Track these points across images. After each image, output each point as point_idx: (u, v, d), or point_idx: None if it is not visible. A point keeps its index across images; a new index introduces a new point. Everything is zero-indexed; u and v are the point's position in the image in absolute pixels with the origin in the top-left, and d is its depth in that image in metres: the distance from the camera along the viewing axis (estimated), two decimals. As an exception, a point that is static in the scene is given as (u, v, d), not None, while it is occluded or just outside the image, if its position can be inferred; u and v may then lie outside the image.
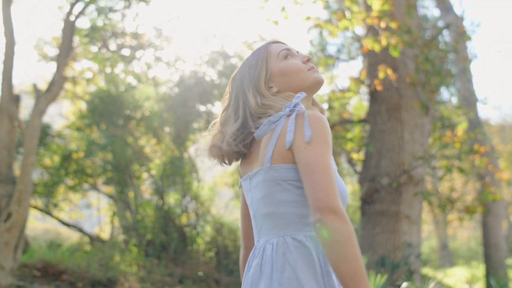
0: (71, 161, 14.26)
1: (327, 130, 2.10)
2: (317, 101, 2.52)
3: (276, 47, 2.49)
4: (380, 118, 10.03)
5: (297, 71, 2.39)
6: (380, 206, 9.76)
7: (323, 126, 2.10)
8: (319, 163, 2.03)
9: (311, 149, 2.05)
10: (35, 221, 20.73)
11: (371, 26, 9.73)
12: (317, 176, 2.01)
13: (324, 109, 2.53)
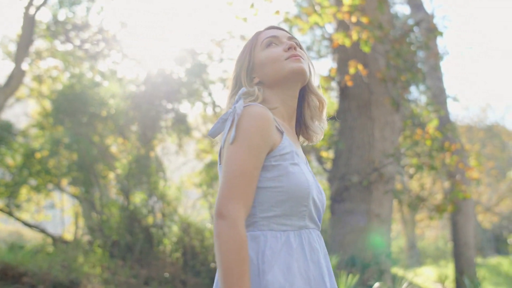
0: (34, 161, 13.89)
1: (254, 128, 2.08)
2: (314, 90, 2.41)
3: (263, 35, 2.42)
4: (350, 115, 9.90)
5: (273, 61, 2.31)
6: (350, 204, 9.63)
7: (250, 124, 2.09)
8: (230, 164, 2.05)
9: (230, 150, 2.07)
10: None
11: (341, 21, 9.57)
12: (223, 178, 2.05)
13: (323, 100, 2.42)
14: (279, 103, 2.33)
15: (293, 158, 2.15)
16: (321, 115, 2.42)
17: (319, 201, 2.24)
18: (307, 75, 2.32)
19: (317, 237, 2.21)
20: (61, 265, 10.59)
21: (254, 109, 2.13)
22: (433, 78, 14.49)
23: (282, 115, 2.34)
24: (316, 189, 2.24)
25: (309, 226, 2.18)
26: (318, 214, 2.25)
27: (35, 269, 10.07)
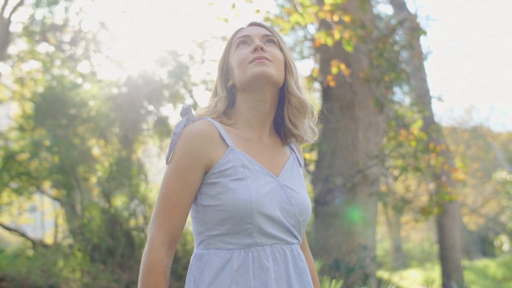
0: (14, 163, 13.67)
1: (183, 148, 2.08)
2: (292, 91, 2.25)
3: (239, 34, 2.30)
4: (334, 116, 9.76)
5: (239, 64, 2.21)
6: (334, 207, 9.50)
7: (180, 144, 2.09)
8: (160, 187, 2.08)
9: (165, 172, 2.11)
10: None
11: (323, 21, 9.42)
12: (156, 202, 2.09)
13: (302, 100, 2.26)
14: (246, 109, 2.24)
15: (237, 173, 2.07)
16: (303, 115, 2.26)
17: (285, 212, 2.11)
18: (272, 79, 2.18)
19: (278, 253, 2.08)
20: (41, 270, 10.39)
21: (190, 127, 2.11)
22: (417, 78, 14.38)
23: (249, 122, 2.24)
24: (278, 200, 2.11)
25: (262, 243, 2.06)
26: (281, 227, 2.10)
27: (13, 274, 9.87)
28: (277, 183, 2.13)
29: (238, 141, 2.18)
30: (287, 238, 2.11)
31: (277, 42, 2.29)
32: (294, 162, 2.28)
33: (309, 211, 2.16)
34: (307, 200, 2.18)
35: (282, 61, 2.26)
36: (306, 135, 2.25)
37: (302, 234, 2.18)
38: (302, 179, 2.23)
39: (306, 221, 2.17)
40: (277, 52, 2.25)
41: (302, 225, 2.16)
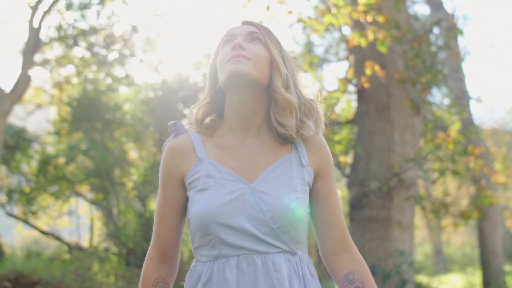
0: (51, 168, 13.78)
1: (162, 165, 2.15)
2: (277, 89, 2.09)
3: (226, 33, 2.21)
4: (369, 118, 9.60)
5: (220, 64, 2.14)
6: (370, 211, 9.34)
7: (161, 162, 2.16)
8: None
9: None
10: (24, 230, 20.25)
11: (357, 21, 9.25)
12: None
13: (286, 97, 2.07)
14: (230, 111, 2.14)
15: (201, 184, 2.04)
16: (289, 113, 2.08)
17: (254, 220, 1.97)
18: (247, 77, 2.05)
19: (245, 264, 1.97)
20: (75, 274, 10.41)
21: (167, 144, 2.17)
22: (455, 79, 14.10)
23: (231, 127, 2.15)
24: (246, 207, 1.99)
25: (227, 254, 1.99)
26: (248, 236, 1.97)
27: (48, 278, 9.93)
28: (247, 189, 2.01)
29: (212, 150, 2.12)
30: (257, 247, 1.98)
31: (263, 40, 2.15)
32: (288, 162, 2.09)
33: (289, 216, 1.99)
34: (286, 204, 1.99)
35: (266, 59, 2.11)
36: (293, 132, 2.07)
37: (288, 241, 2.01)
38: (294, 180, 2.05)
39: (286, 227, 1.99)
40: (260, 50, 2.12)
41: (283, 232, 1.99)
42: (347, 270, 2.09)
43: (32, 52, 8.07)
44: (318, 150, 2.14)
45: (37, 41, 8.16)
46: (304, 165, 2.10)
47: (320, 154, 2.14)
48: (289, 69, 2.17)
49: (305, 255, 2.09)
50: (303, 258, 2.06)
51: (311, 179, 2.10)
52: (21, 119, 19.05)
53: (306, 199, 2.06)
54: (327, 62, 15.44)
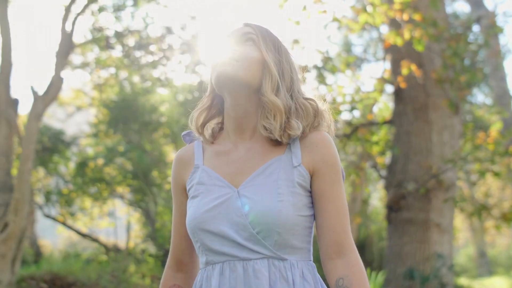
0: (88, 169, 13.86)
1: (171, 173, 2.20)
2: (264, 91, 2.00)
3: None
4: (406, 119, 9.45)
5: (212, 66, 2.06)
6: (408, 213, 9.19)
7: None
8: None
9: None
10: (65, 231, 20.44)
11: (393, 20, 9.09)
12: None
13: (270, 100, 1.97)
14: (226, 116, 2.09)
15: (193, 192, 2.04)
16: (273, 117, 1.98)
17: (235, 225, 1.90)
18: (233, 79, 1.98)
19: (227, 271, 1.91)
20: (111, 275, 10.42)
21: (175, 155, 2.19)
22: (496, 78, 13.79)
23: (227, 131, 2.10)
24: (229, 213, 1.92)
25: (213, 261, 1.95)
26: (230, 242, 1.91)
27: (84, 279, 9.94)
28: (233, 194, 1.95)
29: (209, 157, 2.10)
30: (239, 253, 1.91)
31: (257, 40, 2.06)
32: (277, 164, 1.99)
33: (268, 220, 1.89)
34: (268, 208, 1.90)
35: (257, 60, 2.02)
36: (276, 134, 1.96)
37: (272, 246, 1.90)
38: (280, 182, 1.94)
39: (266, 232, 1.89)
40: (251, 51, 2.03)
41: (264, 237, 1.89)
42: (339, 275, 1.94)
43: (65, 54, 8.09)
44: (314, 148, 2.00)
45: (70, 43, 8.17)
46: (295, 165, 1.98)
47: (316, 152, 2.00)
48: (284, 71, 2.06)
49: (301, 260, 1.96)
50: (297, 264, 1.94)
51: (304, 179, 1.96)
52: (62, 121, 19.25)
53: (295, 201, 1.92)
54: (366, 62, 15.28)
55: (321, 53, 10.62)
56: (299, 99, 2.03)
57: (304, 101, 2.03)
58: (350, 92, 10.35)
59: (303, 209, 1.94)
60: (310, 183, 1.98)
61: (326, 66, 10.57)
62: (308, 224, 1.96)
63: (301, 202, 1.93)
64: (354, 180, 11.30)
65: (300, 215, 1.92)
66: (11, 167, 8.13)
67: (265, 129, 1.99)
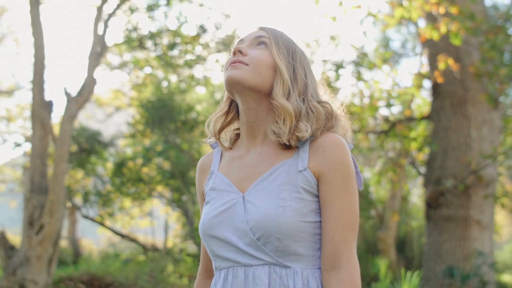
0: (126, 170, 13.92)
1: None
2: (274, 95, 1.96)
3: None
4: (444, 114, 9.30)
5: (223, 70, 2.05)
6: (447, 210, 9.04)
7: None
8: None
9: None
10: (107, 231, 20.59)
11: (429, 14, 8.95)
12: None
13: (280, 104, 1.94)
14: (240, 120, 2.10)
15: (208, 196, 2.04)
16: (282, 121, 1.95)
17: (239, 231, 1.90)
18: (241, 83, 1.95)
19: (230, 277, 1.91)
20: (149, 275, 10.43)
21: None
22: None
23: (241, 136, 2.11)
24: (233, 219, 1.92)
25: (220, 267, 1.96)
26: (233, 247, 1.91)
27: (122, 279, 9.96)
28: (239, 200, 1.95)
29: (225, 163, 2.10)
30: (241, 259, 1.90)
31: (269, 44, 2.03)
32: (283, 168, 1.95)
33: (268, 225, 1.85)
34: (268, 213, 1.86)
35: (268, 64, 1.99)
36: (284, 138, 1.92)
37: (273, 252, 1.87)
38: (282, 187, 1.90)
39: (266, 238, 1.85)
40: (263, 55, 2.00)
41: (264, 243, 1.86)
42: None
43: (98, 55, 8.10)
44: (322, 152, 1.93)
45: (103, 44, 8.19)
46: (300, 170, 1.92)
47: (323, 157, 1.92)
48: (297, 74, 2.02)
49: (308, 268, 1.89)
50: (302, 272, 1.88)
51: (310, 184, 1.89)
52: (101, 122, 19.40)
53: (299, 207, 1.86)
54: (404, 57, 15.10)
55: (357, 49, 10.51)
56: (311, 102, 1.98)
57: (316, 104, 1.98)
58: (387, 88, 10.24)
59: (310, 215, 1.88)
60: (318, 188, 1.90)
61: (362, 62, 10.47)
62: (317, 230, 1.90)
63: (306, 208, 1.87)
64: (391, 177, 11.18)
65: (305, 221, 1.86)
66: (46, 169, 8.15)
67: (274, 133, 1.95)
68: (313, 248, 1.90)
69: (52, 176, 7.74)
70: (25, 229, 7.73)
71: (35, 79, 8.03)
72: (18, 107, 18.22)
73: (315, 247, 1.90)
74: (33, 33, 8.12)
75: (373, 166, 14.30)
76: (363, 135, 10.89)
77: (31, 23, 8.11)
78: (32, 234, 7.64)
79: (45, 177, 8.06)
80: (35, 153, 8.03)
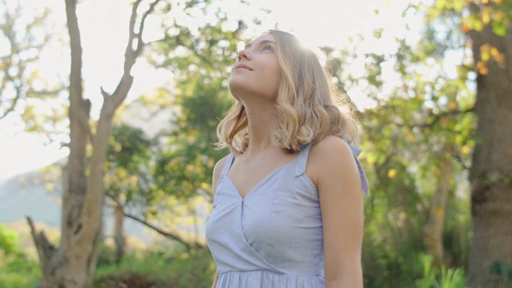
0: (168, 167, 13.96)
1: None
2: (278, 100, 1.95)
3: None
4: (489, 106, 9.09)
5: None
6: (493, 204, 8.85)
7: None
8: None
9: None
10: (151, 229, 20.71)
11: (472, 3, 8.75)
12: None
13: (283, 109, 1.92)
14: (248, 125, 2.08)
15: (215, 201, 2.05)
16: (285, 126, 1.91)
17: (236, 236, 1.88)
18: (244, 88, 1.95)
19: (228, 282, 1.91)
20: (191, 273, 10.42)
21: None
22: None
23: (249, 139, 2.09)
24: (232, 223, 1.91)
25: (221, 271, 1.95)
26: (231, 252, 1.90)
27: (164, 278, 9.98)
28: (238, 204, 1.93)
29: (233, 167, 2.10)
30: (236, 264, 1.88)
31: (275, 49, 2.00)
32: (281, 173, 1.91)
33: (260, 230, 1.82)
34: (260, 218, 1.83)
35: (272, 69, 1.97)
36: (286, 143, 1.88)
37: (266, 258, 1.84)
38: (278, 192, 1.86)
39: (259, 243, 1.82)
40: (268, 59, 1.97)
41: (257, 248, 1.83)
42: None
43: (134, 53, 8.10)
44: (321, 157, 1.87)
45: (139, 42, 8.19)
46: (296, 175, 1.88)
47: (321, 162, 1.86)
48: (304, 79, 1.97)
49: (303, 275, 1.85)
50: (296, 278, 1.84)
51: (307, 190, 1.84)
52: (146, 120, 19.54)
53: (294, 213, 1.82)
54: (449, 49, 14.84)
55: (399, 41, 10.36)
56: (317, 107, 1.93)
57: (322, 108, 1.92)
58: (431, 81, 10.07)
59: (306, 220, 1.83)
60: (317, 194, 1.85)
61: (404, 55, 10.31)
62: (315, 236, 1.85)
63: (302, 214, 1.82)
64: (435, 171, 11.00)
65: (301, 227, 1.82)
66: (85, 168, 8.19)
67: (276, 138, 1.92)
68: (311, 254, 1.86)
69: (90, 175, 7.77)
70: (64, 229, 7.78)
71: (72, 78, 8.08)
72: (63, 107, 18.41)
73: (312, 254, 1.86)
74: (69, 32, 8.17)
75: (419, 160, 14.11)
76: (407, 129, 10.73)
77: (67, 22, 8.16)
78: (70, 234, 7.69)
79: (83, 176, 8.10)
80: (73, 153, 8.08)
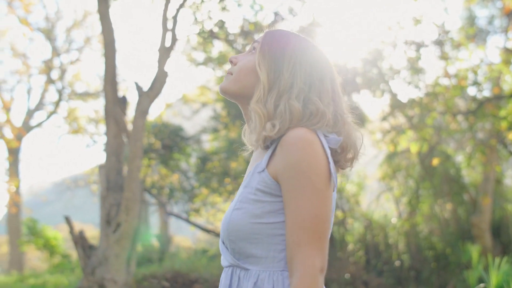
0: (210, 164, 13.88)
1: None
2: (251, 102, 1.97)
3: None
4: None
5: None
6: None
7: None
8: None
9: None
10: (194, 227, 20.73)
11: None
12: None
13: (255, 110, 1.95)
14: None
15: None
16: (253, 126, 1.93)
17: (225, 232, 1.90)
18: (227, 93, 2.02)
19: (224, 277, 1.94)
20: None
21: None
22: None
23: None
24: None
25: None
26: (223, 248, 1.95)
27: (206, 276, 9.92)
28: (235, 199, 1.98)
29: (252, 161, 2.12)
30: (222, 261, 1.99)
31: (257, 49, 2.01)
32: (252, 170, 1.92)
33: (224, 227, 1.87)
34: (225, 217, 1.89)
35: (248, 70, 1.99)
36: (253, 141, 1.92)
37: (233, 254, 1.89)
38: (242, 189, 1.90)
39: (226, 240, 1.88)
40: (246, 62, 2.01)
41: (227, 245, 1.89)
42: None
43: (168, 48, 8.01)
44: (278, 151, 1.84)
45: (173, 36, 8.10)
46: (258, 171, 1.89)
47: (278, 156, 1.84)
48: (281, 77, 1.93)
49: (266, 270, 1.84)
50: (259, 274, 1.83)
51: (267, 185, 1.83)
52: (187, 118, 19.53)
53: (253, 209, 1.83)
54: (491, 34, 14.45)
55: (439, 27, 10.08)
56: (290, 101, 1.88)
57: (295, 102, 1.87)
58: (473, 66, 9.77)
59: (266, 216, 1.82)
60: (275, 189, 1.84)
61: (445, 41, 10.03)
62: (277, 231, 1.83)
63: (262, 209, 1.82)
64: (481, 159, 10.68)
65: (260, 223, 1.82)
66: (122, 166, 8.14)
67: (249, 137, 1.98)
68: (274, 249, 1.84)
69: (127, 173, 7.71)
70: (103, 228, 7.74)
71: (107, 76, 8.03)
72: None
73: (276, 249, 1.84)
74: (102, 30, 8.12)
75: (464, 149, 13.77)
76: (450, 117, 10.44)
77: (100, 19, 8.11)
78: (109, 233, 7.64)
79: (121, 174, 8.04)
80: (110, 151, 8.03)
